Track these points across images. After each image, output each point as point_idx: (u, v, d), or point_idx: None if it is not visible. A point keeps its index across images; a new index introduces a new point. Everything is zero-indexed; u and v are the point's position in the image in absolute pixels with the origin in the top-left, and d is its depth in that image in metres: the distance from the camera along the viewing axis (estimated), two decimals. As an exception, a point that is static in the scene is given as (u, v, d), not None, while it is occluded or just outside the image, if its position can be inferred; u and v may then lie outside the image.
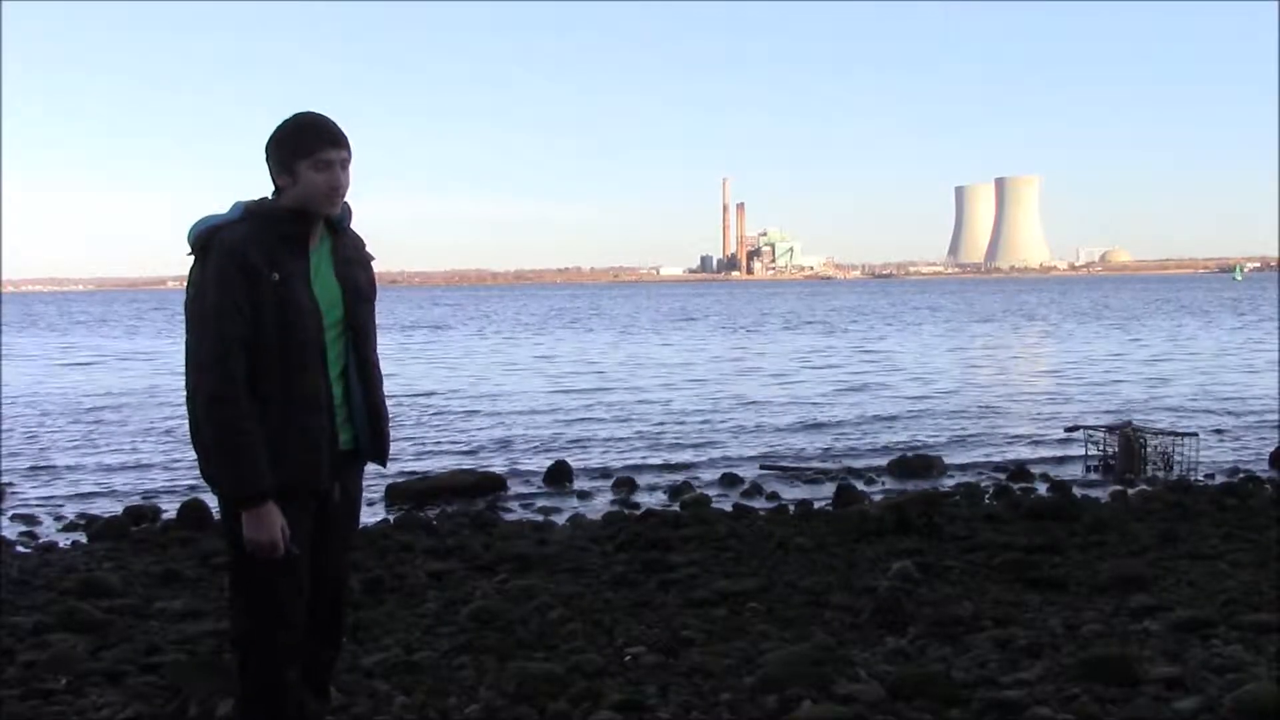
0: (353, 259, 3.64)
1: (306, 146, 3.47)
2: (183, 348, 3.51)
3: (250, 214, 3.48)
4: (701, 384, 26.60)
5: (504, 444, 17.05)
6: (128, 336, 54.93)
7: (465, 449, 16.64)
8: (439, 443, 17.29)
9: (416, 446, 16.80)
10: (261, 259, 3.40)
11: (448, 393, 24.77)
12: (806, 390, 24.79)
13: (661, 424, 19.10)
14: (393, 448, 3.84)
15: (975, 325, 56.36)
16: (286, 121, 3.54)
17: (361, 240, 3.71)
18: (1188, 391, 23.33)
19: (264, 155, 3.55)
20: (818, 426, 18.72)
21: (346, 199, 3.57)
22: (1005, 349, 39.34)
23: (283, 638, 3.52)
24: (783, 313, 79.82)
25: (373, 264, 3.74)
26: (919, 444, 16.32)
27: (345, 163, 3.52)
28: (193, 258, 3.46)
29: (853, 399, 22.64)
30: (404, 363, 33.20)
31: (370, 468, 3.82)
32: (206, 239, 3.43)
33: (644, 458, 15.55)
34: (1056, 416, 18.95)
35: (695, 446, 16.58)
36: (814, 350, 38.76)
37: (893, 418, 19.46)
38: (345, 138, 3.53)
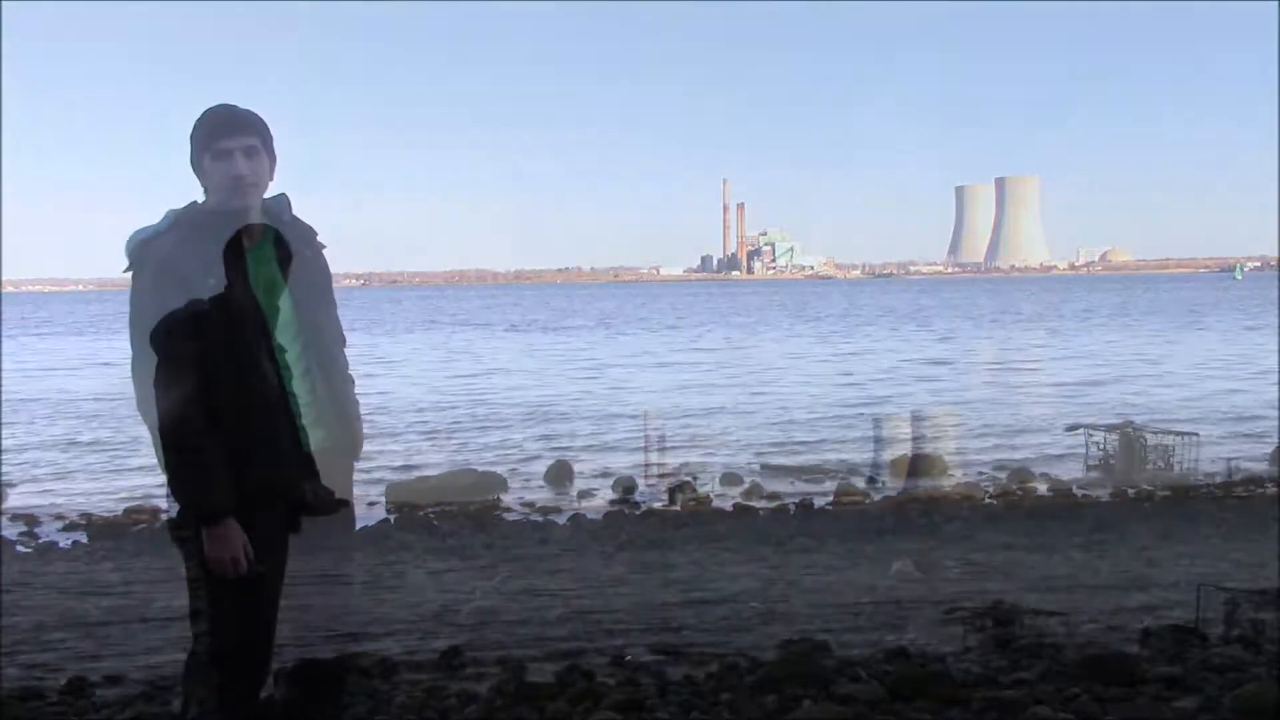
0: (297, 251, 3.45)
1: (204, 139, 3.37)
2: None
3: (178, 221, 3.35)
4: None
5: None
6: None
7: (483, 449, 16.44)
8: (465, 444, 17.05)
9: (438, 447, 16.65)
10: (195, 267, 3.26)
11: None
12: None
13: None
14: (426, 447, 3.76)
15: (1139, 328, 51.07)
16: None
17: (310, 230, 3.49)
18: (1191, 390, 23.34)
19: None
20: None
21: (285, 191, 3.43)
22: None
23: (245, 656, 3.34)
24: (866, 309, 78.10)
25: (324, 251, 3.54)
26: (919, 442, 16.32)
27: (251, 150, 3.35)
28: (130, 272, 3.32)
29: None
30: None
31: (366, 465, 3.75)
32: (140, 253, 3.31)
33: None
34: (1058, 416, 18.96)
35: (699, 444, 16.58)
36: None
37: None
38: (249, 124, 3.37)
